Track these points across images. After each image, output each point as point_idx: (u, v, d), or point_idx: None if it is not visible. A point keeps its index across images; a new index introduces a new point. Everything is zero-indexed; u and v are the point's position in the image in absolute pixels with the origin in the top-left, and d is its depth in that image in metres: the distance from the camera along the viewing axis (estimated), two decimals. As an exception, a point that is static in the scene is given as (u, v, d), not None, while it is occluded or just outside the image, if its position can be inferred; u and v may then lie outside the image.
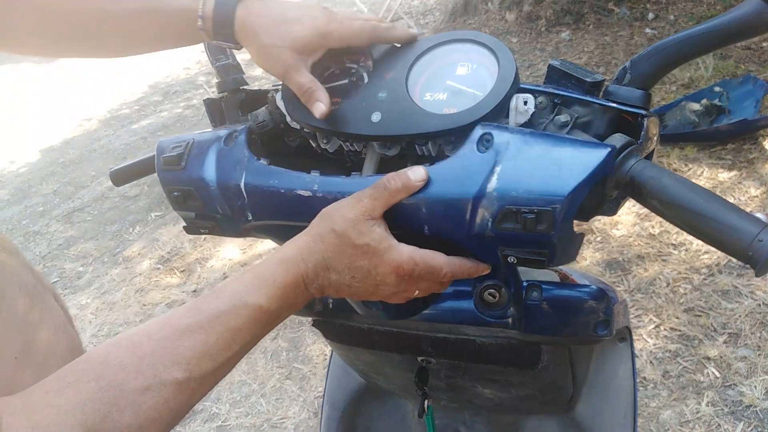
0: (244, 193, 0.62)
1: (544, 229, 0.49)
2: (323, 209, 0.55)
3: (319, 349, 2.18)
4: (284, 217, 0.62)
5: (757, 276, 0.44)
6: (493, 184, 0.50)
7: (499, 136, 0.52)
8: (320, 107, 0.59)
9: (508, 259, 0.53)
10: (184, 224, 0.70)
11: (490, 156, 0.52)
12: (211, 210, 0.66)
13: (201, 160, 0.65)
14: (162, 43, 0.66)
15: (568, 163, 0.49)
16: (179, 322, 0.48)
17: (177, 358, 0.46)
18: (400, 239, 0.54)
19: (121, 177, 0.86)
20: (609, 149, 0.49)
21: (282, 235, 0.65)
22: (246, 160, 0.63)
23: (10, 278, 0.70)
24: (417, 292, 0.56)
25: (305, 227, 0.56)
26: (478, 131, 0.53)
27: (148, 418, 0.44)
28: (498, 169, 0.51)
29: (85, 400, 0.42)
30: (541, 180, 0.49)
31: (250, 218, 0.63)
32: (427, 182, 0.53)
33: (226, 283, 0.51)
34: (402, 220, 0.54)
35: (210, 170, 0.65)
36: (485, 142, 0.53)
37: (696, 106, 2.85)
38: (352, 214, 0.53)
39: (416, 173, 0.53)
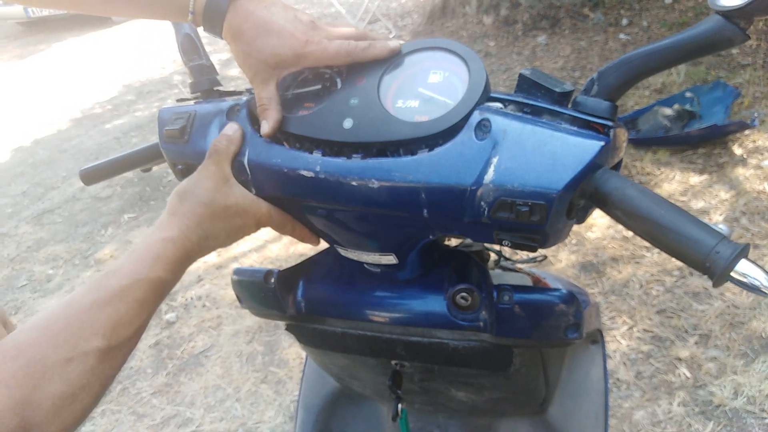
0: (248, 169, 0.62)
1: (537, 220, 0.50)
2: (177, 188, 0.60)
3: (295, 352, 2.17)
4: (287, 193, 0.62)
5: (714, 287, 0.45)
6: (489, 175, 0.52)
7: (497, 124, 0.53)
8: (265, 126, 0.62)
9: (503, 242, 0.55)
10: None
11: (488, 145, 0.53)
12: None
13: (204, 133, 0.66)
14: (148, 17, 0.67)
15: (563, 157, 0.50)
16: (83, 301, 0.51)
17: (94, 329, 0.49)
18: (399, 220, 0.57)
19: (91, 176, 0.85)
20: (603, 143, 0.50)
21: (286, 205, 0.65)
22: (249, 136, 0.63)
23: None
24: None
25: (309, 205, 0.61)
26: (476, 116, 0.54)
27: (78, 385, 0.47)
28: (495, 160, 0.52)
29: (7, 379, 0.44)
30: (536, 174, 0.50)
31: (254, 191, 0.64)
32: (428, 168, 0.54)
33: (119, 263, 0.55)
34: (403, 204, 0.55)
35: None
36: (483, 127, 0.53)
37: (668, 111, 2.91)
38: (211, 183, 0.60)
39: (226, 129, 0.62)
